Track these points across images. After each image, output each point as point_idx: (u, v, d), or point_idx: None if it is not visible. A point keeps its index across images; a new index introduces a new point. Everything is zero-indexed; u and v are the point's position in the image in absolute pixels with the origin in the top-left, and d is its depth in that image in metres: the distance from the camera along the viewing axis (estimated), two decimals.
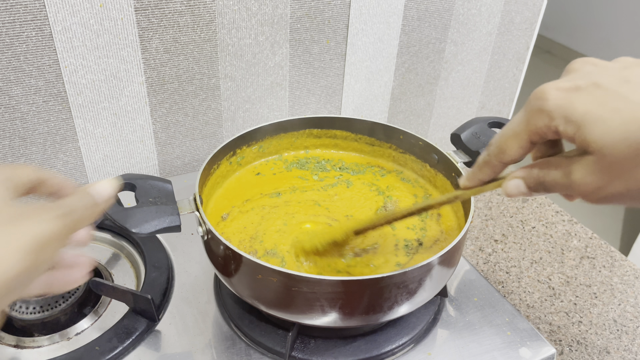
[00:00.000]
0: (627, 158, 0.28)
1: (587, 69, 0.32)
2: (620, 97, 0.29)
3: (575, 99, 0.30)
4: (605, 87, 0.30)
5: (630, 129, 0.28)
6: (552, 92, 0.31)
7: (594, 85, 0.30)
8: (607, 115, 0.29)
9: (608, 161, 0.29)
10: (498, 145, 0.35)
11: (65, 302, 0.56)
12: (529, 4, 0.96)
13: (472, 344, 0.55)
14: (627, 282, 0.72)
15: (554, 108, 0.31)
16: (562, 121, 0.31)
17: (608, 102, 0.29)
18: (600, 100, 0.29)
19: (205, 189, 0.57)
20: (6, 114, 0.66)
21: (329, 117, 0.66)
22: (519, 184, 0.35)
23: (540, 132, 0.32)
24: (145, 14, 0.67)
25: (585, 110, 0.30)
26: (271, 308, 0.49)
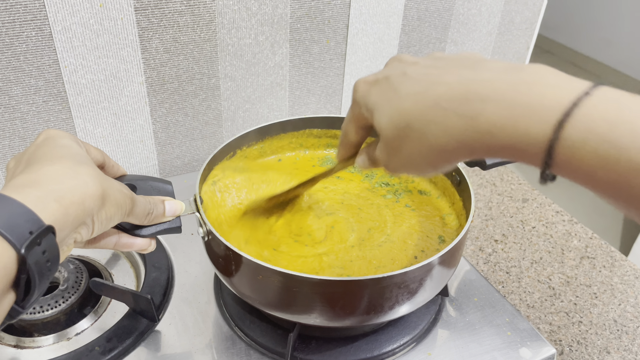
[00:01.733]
0: (394, 138, 0.35)
1: (393, 64, 0.38)
2: (393, 89, 0.35)
3: (371, 91, 0.37)
4: (390, 80, 0.35)
5: (394, 115, 0.34)
6: (360, 84, 0.38)
7: (385, 79, 0.36)
8: (384, 104, 0.35)
9: (385, 141, 0.36)
10: (343, 131, 0.43)
11: (65, 302, 0.56)
12: (529, 4, 0.96)
13: (472, 344, 0.55)
14: (627, 282, 0.72)
15: (359, 99, 0.38)
16: (364, 109, 0.38)
17: (386, 93, 0.35)
18: (383, 92, 0.35)
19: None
20: (6, 114, 0.66)
21: (329, 117, 0.65)
22: (363, 159, 0.42)
23: (359, 119, 0.39)
24: (145, 14, 0.67)
25: (375, 100, 0.36)
26: (272, 308, 0.49)
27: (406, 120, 0.33)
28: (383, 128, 0.35)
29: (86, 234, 0.37)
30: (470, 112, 0.30)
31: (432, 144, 0.33)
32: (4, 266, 0.30)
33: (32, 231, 0.31)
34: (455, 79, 0.32)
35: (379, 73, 0.37)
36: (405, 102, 0.34)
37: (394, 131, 0.34)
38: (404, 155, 0.35)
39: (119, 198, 0.39)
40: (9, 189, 0.33)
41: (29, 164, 0.37)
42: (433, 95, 0.32)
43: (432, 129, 0.32)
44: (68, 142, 0.39)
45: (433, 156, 0.33)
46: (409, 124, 0.33)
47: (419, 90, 0.33)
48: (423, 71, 0.34)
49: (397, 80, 0.35)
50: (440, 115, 0.32)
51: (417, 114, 0.33)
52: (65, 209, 0.34)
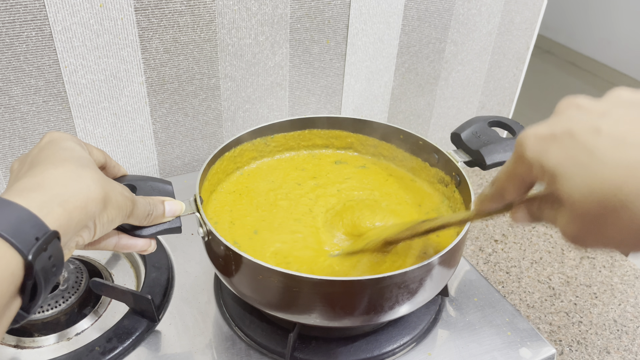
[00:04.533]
0: (595, 214, 0.28)
1: (569, 113, 0.31)
2: (587, 151, 0.29)
3: (549, 149, 0.30)
4: (577, 138, 0.29)
5: (596, 187, 0.28)
6: (530, 139, 0.31)
7: (568, 135, 0.30)
8: (575, 170, 0.29)
9: (578, 216, 0.29)
10: (497, 187, 0.36)
11: (65, 302, 0.56)
12: (529, 4, 0.96)
13: (472, 344, 0.55)
14: (627, 282, 0.72)
15: (531, 157, 0.31)
16: (539, 171, 0.31)
17: (576, 156, 0.29)
18: (570, 153, 0.29)
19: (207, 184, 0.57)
20: (6, 114, 0.66)
21: (329, 117, 0.66)
22: (523, 216, 0.36)
23: (526, 176, 0.33)
24: (145, 14, 0.67)
25: (557, 162, 0.30)
26: (272, 308, 0.49)
27: (617, 197, 0.27)
28: (577, 200, 0.29)
29: (88, 237, 0.37)
30: None
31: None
32: (12, 273, 0.30)
33: (38, 237, 0.31)
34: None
35: (554, 124, 0.31)
36: (613, 174, 0.27)
37: (596, 207, 0.28)
38: (607, 234, 0.29)
39: (120, 201, 0.39)
40: (13, 193, 0.33)
41: (32, 166, 0.37)
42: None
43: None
44: (71, 145, 0.39)
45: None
46: (625, 202, 0.27)
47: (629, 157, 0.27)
48: (624, 128, 0.28)
49: (591, 139, 0.29)
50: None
51: (631, 188, 0.27)
52: (69, 214, 0.34)
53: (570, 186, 0.29)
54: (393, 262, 0.52)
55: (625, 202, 0.27)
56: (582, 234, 0.30)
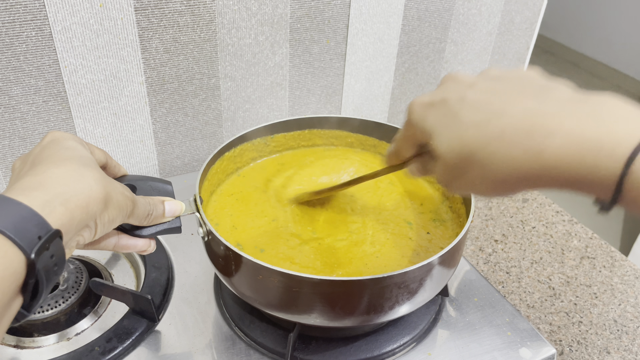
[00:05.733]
0: (456, 164, 0.34)
1: (447, 85, 0.37)
2: (453, 115, 0.34)
3: (428, 114, 0.36)
4: (447, 104, 0.35)
5: (455, 144, 0.34)
6: (415, 106, 0.38)
7: (442, 102, 0.36)
8: (444, 130, 0.35)
9: (445, 166, 0.36)
10: (395, 146, 0.43)
11: (65, 302, 0.56)
12: (529, 4, 0.96)
13: (472, 344, 0.55)
14: (627, 282, 0.72)
15: (415, 121, 0.38)
16: (420, 131, 0.37)
17: (445, 118, 0.35)
18: (441, 117, 0.35)
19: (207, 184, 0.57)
20: (6, 114, 0.66)
21: (329, 117, 0.66)
22: (417, 169, 0.43)
23: (414, 138, 0.40)
24: (145, 14, 0.67)
25: (432, 124, 0.36)
26: (272, 308, 0.49)
27: (469, 150, 0.33)
28: (444, 153, 0.35)
29: (89, 237, 0.37)
30: (536, 146, 0.30)
31: (495, 175, 0.32)
32: (14, 271, 0.30)
33: (41, 236, 0.31)
34: (519, 110, 0.32)
35: (435, 94, 0.37)
36: (467, 132, 0.33)
37: (456, 159, 0.34)
38: (466, 181, 0.35)
39: (120, 200, 0.39)
40: (15, 191, 0.33)
41: (34, 165, 0.37)
42: (497, 127, 0.32)
43: (496, 161, 0.32)
44: (73, 144, 0.39)
45: (496, 185, 0.33)
46: (471, 154, 0.33)
47: (482, 120, 0.33)
48: (483, 97, 0.34)
49: (456, 105, 0.35)
50: (504, 148, 0.31)
51: (481, 145, 0.32)
52: (71, 213, 0.34)
53: (440, 143, 0.35)
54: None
55: (474, 154, 0.33)
56: (449, 180, 0.36)
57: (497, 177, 0.33)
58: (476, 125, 0.33)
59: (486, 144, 0.32)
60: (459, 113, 0.34)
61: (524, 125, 0.31)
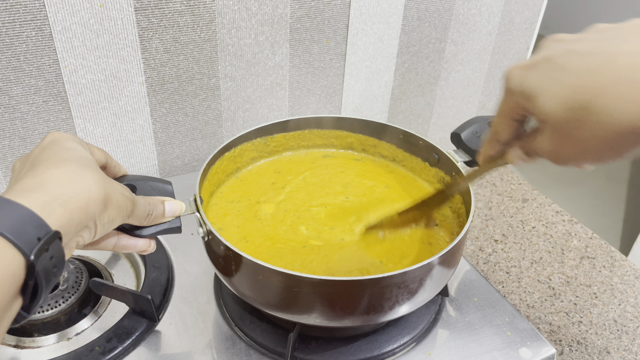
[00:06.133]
0: (567, 122, 0.31)
1: (550, 45, 0.34)
2: (560, 68, 0.31)
3: (529, 75, 0.33)
4: (553, 60, 0.32)
5: (566, 95, 0.30)
6: (514, 71, 0.34)
7: (545, 60, 0.32)
8: (549, 85, 0.31)
9: (554, 126, 0.32)
10: (492, 128, 0.39)
11: (65, 302, 0.56)
12: (529, 4, 0.96)
13: (472, 344, 0.55)
14: (627, 282, 0.72)
15: (514, 86, 0.34)
16: (521, 97, 0.34)
17: (550, 73, 0.31)
18: (546, 73, 0.32)
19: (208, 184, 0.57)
20: (6, 114, 0.66)
21: (329, 117, 0.66)
22: (518, 154, 0.38)
23: (513, 110, 0.36)
24: (145, 14, 0.67)
25: (535, 84, 0.32)
26: (272, 308, 0.49)
27: (584, 100, 0.29)
28: (551, 112, 0.31)
29: (88, 237, 0.37)
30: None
31: (613, 127, 0.29)
32: (13, 273, 0.30)
33: (40, 237, 0.31)
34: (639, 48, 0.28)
35: (536, 56, 0.33)
36: (580, 79, 0.30)
37: (568, 113, 0.30)
38: (581, 141, 0.31)
39: (120, 201, 0.39)
40: (15, 192, 0.33)
41: (34, 166, 0.37)
42: (619, 67, 0.28)
43: (622, 107, 0.28)
44: (73, 145, 0.39)
45: (613, 142, 0.30)
46: (588, 104, 0.29)
47: (598, 64, 0.29)
48: (594, 44, 0.31)
49: (564, 58, 0.31)
50: (633, 90, 0.28)
51: (600, 91, 0.29)
52: (70, 214, 0.34)
53: (544, 101, 0.32)
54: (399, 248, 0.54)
55: (593, 103, 0.29)
56: (559, 144, 0.32)
57: (615, 129, 0.29)
58: (589, 71, 0.29)
59: (602, 91, 0.29)
60: (566, 65, 0.31)
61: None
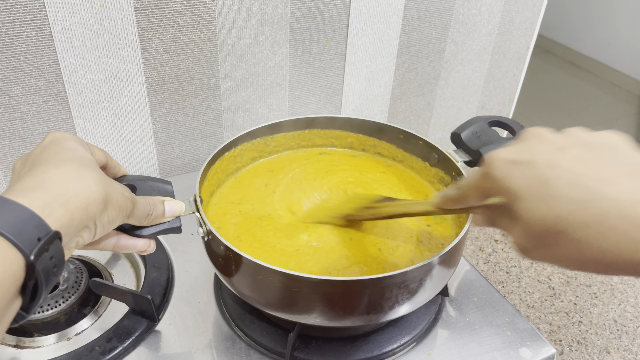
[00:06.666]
0: (543, 236, 0.33)
1: (532, 143, 0.35)
2: (543, 182, 0.33)
3: (513, 173, 0.34)
4: (536, 168, 0.33)
5: (548, 216, 0.32)
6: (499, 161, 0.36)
7: (529, 164, 0.34)
8: (532, 197, 0.33)
9: (530, 233, 0.34)
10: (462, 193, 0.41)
11: (65, 302, 0.56)
12: (529, 4, 0.96)
13: (472, 344, 0.55)
14: (627, 282, 0.73)
15: (498, 177, 0.35)
16: (502, 190, 0.35)
17: (534, 184, 0.33)
18: (530, 180, 0.33)
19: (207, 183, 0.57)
20: (6, 114, 0.66)
21: (329, 117, 0.66)
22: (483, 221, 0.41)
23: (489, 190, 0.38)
24: (145, 14, 0.67)
25: (518, 186, 0.34)
26: (272, 308, 0.49)
27: (563, 227, 0.32)
28: (531, 222, 0.33)
29: (88, 237, 0.37)
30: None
31: (588, 256, 0.31)
32: (13, 273, 0.30)
33: (40, 237, 0.31)
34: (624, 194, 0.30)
35: (519, 151, 0.35)
36: (562, 207, 0.32)
37: (544, 230, 0.33)
38: (550, 254, 0.34)
39: (120, 201, 0.39)
40: (15, 192, 0.33)
41: (34, 165, 0.37)
42: (596, 209, 0.30)
43: (594, 244, 0.31)
44: (73, 145, 0.39)
45: (585, 264, 0.32)
46: (565, 231, 0.32)
47: (580, 198, 0.31)
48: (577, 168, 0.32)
49: (548, 171, 0.33)
50: (607, 233, 0.30)
51: (578, 224, 0.31)
52: (71, 214, 0.34)
53: (526, 208, 0.33)
54: (393, 247, 0.53)
55: (567, 230, 0.31)
56: (530, 247, 0.35)
57: (588, 257, 0.31)
58: (574, 202, 0.31)
59: (584, 225, 0.31)
60: (551, 182, 0.32)
61: (630, 214, 0.30)
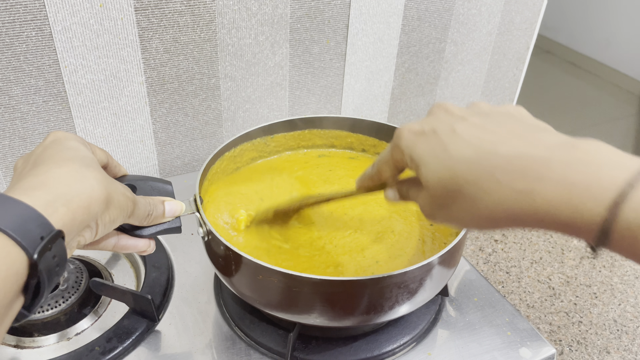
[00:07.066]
0: (442, 198, 0.35)
1: (438, 114, 0.37)
2: (443, 147, 0.35)
3: (417, 142, 0.36)
4: (438, 135, 0.35)
5: (444, 176, 0.34)
6: (405, 132, 0.38)
7: (432, 132, 0.36)
8: (432, 160, 0.35)
9: (431, 196, 0.36)
10: (376, 169, 0.43)
11: (65, 302, 0.56)
12: (529, 4, 0.96)
13: (472, 344, 0.55)
14: (627, 282, 0.73)
15: (404, 147, 0.37)
16: (408, 159, 0.37)
17: (434, 149, 0.35)
18: (431, 147, 0.35)
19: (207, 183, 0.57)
20: (6, 114, 0.66)
21: (329, 117, 0.66)
22: (394, 194, 0.43)
23: (398, 162, 0.40)
24: (145, 14, 0.67)
25: (421, 153, 0.36)
26: (272, 308, 0.49)
27: (458, 184, 0.33)
28: (431, 185, 0.35)
29: (89, 237, 0.37)
30: (526, 188, 0.31)
31: (482, 211, 0.33)
32: (16, 272, 0.30)
33: (44, 236, 0.31)
34: (510, 151, 0.32)
35: (425, 123, 0.37)
36: (457, 166, 0.34)
37: (443, 191, 0.35)
38: (451, 214, 0.35)
39: (121, 201, 0.39)
40: (18, 191, 0.33)
41: (36, 165, 0.37)
42: (487, 165, 0.32)
43: (484, 198, 0.32)
44: (75, 145, 0.40)
45: (481, 220, 0.34)
46: (460, 189, 0.33)
47: (472, 157, 0.33)
48: (474, 132, 0.34)
49: (447, 137, 0.35)
50: (494, 187, 0.32)
51: (470, 181, 0.33)
52: (73, 214, 0.34)
53: (427, 173, 0.35)
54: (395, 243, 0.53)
55: (463, 189, 0.33)
56: (433, 211, 0.37)
57: (483, 213, 0.33)
58: (467, 161, 0.33)
59: (476, 181, 0.33)
60: (449, 145, 0.34)
61: (514, 167, 0.31)
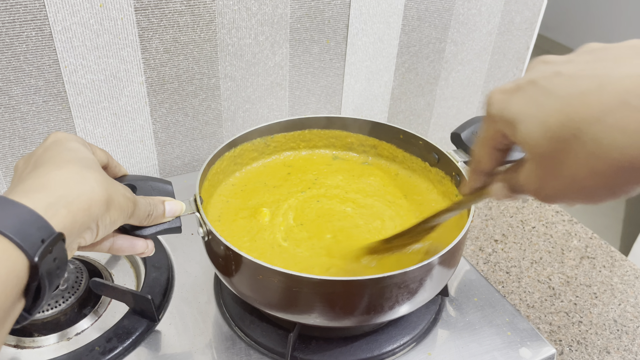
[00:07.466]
0: (553, 153, 0.27)
1: (537, 67, 0.30)
2: (546, 91, 0.27)
3: (512, 100, 0.29)
4: (538, 83, 0.28)
5: (551, 122, 0.27)
6: (495, 95, 0.31)
7: (530, 82, 0.29)
8: (533, 111, 0.28)
9: (538, 159, 0.28)
10: (474, 157, 0.35)
11: (65, 302, 0.56)
12: (529, 4, 0.96)
13: (472, 344, 0.55)
14: (627, 282, 0.72)
15: (496, 112, 0.30)
16: (502, 124, 0.30)
17: (535, 98, 0.28)
18: (530, 98, 0.28)
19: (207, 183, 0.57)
20: (6, 114, 0.66)
21: (329, 117, 0.66)
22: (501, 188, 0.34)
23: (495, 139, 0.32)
24: (145, 14, 0.67)
25: (517, 110, 0.29)
26: (272, 308, 0.49)
27: (573, 128, 0.25)
28: (535, 142, 0.27)
29: (90, 238, 0.37)
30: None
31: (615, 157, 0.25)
32: (17, 275, 0.30)
33: (44, 239, 0.31)
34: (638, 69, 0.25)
35: (520, 79, 0.30)
36: (569, 105, 0.26)
37: (553, 144, 0.26)
38: (569, 177, 0.27)
39: (122, 202, 0.39)
40: (18, 193, 0.33)
41: (37, 166, 0.37)
42: (615, 91, 0.25)
43: (617, 137, 0.24)
44: (75, 146, 0.39)
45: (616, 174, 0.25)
46: (577, 132, 0.25)
47: (589, 88, 0.25)
48: (586, 66, 0.27)
49: (550, 82, 0.27)
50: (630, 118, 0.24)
51: (591, 118, 0.25)
52: (74, 216, 0.34)
53: (528, 128, 0.28)
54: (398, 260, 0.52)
55: (577, 130, 0.25)
56: (543, 181, 0.28)
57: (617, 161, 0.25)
58: (579, 96, 0.26)
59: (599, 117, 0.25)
60: (553, 88, 0.27)
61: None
